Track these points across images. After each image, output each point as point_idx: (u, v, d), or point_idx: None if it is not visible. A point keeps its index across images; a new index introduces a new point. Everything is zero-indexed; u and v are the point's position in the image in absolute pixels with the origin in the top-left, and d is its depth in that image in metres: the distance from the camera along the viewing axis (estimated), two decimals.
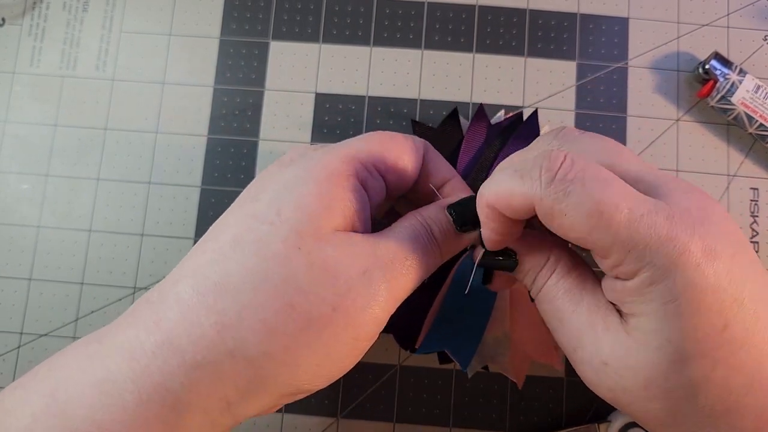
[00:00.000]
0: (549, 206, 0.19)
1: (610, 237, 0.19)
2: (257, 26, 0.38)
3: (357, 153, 0.23)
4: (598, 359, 0.21)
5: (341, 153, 0.23)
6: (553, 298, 0.23)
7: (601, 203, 0.19)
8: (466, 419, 0.33)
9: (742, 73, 0.35)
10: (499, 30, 0.37)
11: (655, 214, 0.19)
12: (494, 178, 0.22)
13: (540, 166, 0.20)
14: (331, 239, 0.21)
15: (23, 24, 0.38)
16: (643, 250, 0.19)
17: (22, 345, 0.35)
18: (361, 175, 0.23)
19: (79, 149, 0.36)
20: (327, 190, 0.21)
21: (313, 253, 0.20)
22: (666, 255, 0.18)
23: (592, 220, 0.19)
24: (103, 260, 0.35)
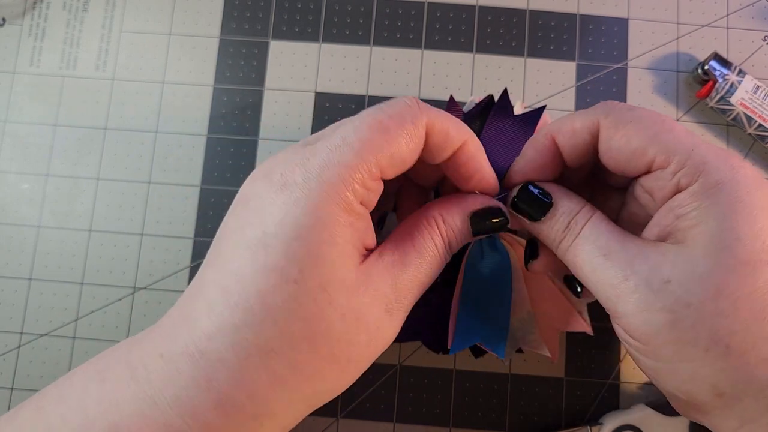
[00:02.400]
0: (615, 118, 0.22)
1: (673, 138, 0.21)
2: (257, 26, 0.38)
3: (354, 173, 0.21)
4: (658, 279, 0.20)
5: (340, 180, 0.21)
6: (597, 237, 0.22)
7: (663, 117, 0.22)
8: (466, 419, 0.34)
9: (742, 74, 0.35)
10: (499, 30, 0.37)
11: (707, 143, 0.21)
12: (556, 120, 0.24)
13: (603, 103, 0.23)
14: (355, 287, 0.21)
15: (23, 24, 0.38)
16: (706, 153, 0.20)
17: (22, 345, 0.35)
18: (362, 195, 0.21)
19: (79, 149, 0.36)
20: (338, 234, 0.20)
21: (344, 306, 0.21)
22: (727, 161, 0.20)
23: (656, 124, 0.21)
24: (103, 260, 0.35)
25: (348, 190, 0.21)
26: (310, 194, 0.20)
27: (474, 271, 0.30)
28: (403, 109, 0.22)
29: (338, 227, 0.20)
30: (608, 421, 0.32)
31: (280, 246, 0.20)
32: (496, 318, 0.30)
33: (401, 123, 0.22)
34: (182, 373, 0.20)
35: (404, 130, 0.22)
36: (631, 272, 0.21)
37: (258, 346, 0.20)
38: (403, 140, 0.22)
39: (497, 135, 0.30)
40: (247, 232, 0.21)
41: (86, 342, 0.35)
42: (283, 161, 0.22)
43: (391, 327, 0.23)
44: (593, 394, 0.34)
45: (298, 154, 0.21)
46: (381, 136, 0.21)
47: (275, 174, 0.21)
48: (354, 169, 0.21)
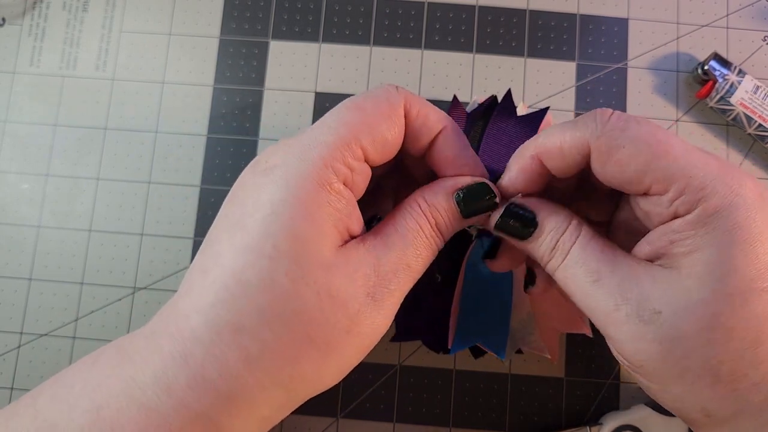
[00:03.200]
0: (607, 141, 0.21)
1: (671, 164, 0.20)
2: (257, 26, 0.38)
3: (334, 151, 0.21)
4: (648, 309, 0.20)
5: (319, 157, 0.21)
6: (586, 260, 0.22)
7: (658, 134, 0.20)
8: (466, 419, 0.34)
9: (741, 74, 0.35)
10: (499, 30, 0.37)
11: (707, 155, 0.20)
12: (544, 132, 0.23)
13: (593, 114, 0.22)
14: (332, 265, 0.21)
15: (23, 24, 0.38)
16: (704, 178, 0.20)
17: (22, 345, 0.35)
18: (343, 175, 0.21)
19: (79, 149, 0.36)
20: (315, 210, 0.20)
21: (318, 282, 0.20)
22: (727, 185, 0.19)
23: (652, 147, 0.20)
24: (103, 260, 0.35)
25: (327, 168, 0.21)
26: (288, 173, 0.21)
27: (475, 271, 0.30)
28: (381, 91, 0.23)
29: (315, 204, 0.20)
30: (608, 421, 0.32)
31: (256, 224, 0.20)
32: (497, 319, 0.30)
33: (377, 103, 0.22)
34: (162, 351, 0.20)
35: (381, 109, 0.22)
36: (621, 300, 0.20)
37: (230, 322, 0.20)
38: (381, 119, 0.22)
39: (500, 135, 0.30)
40: (230, 216, 0.21)
41: (86, 342, 0.35)
42: (269, 151, 0.22)
43: (379, 314, 0.22)
44: (593, 394, 0.34)
45: (281, 143, 0.22)
46: (358, 114, 0.22)
47: (260, 163, 0.22)
48: (333, 148, 0.21)
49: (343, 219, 0.21)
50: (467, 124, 0.32)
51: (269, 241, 0.20)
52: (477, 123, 0.32)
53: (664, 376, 0.20)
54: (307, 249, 0.20)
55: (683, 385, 0.20)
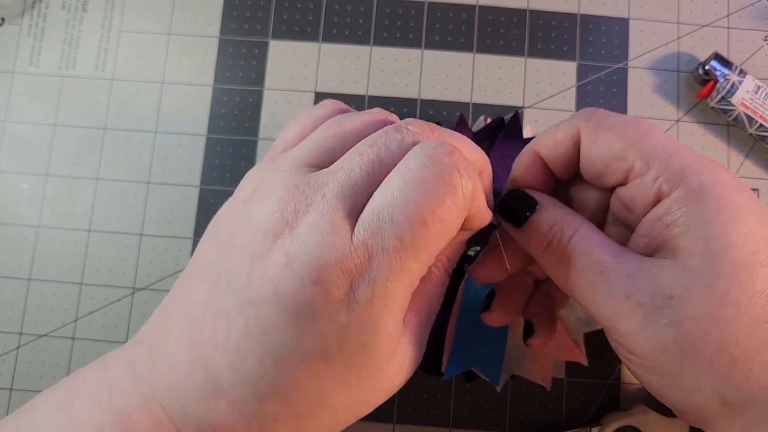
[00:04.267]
0: (594, 124, 0.22)
1: (653, 144, 0.21)
2: (257, 25, 0.38)
3: (415, 278, 0.19)
4: (660, 296, 0.19)
5: (403, 290, 0.19)
6: (589, 250, 0.21)
7: (643, 121, 0.22)
8: (466, 419, 0.33)
9: (742, 74, 0.35)
10: (499, 30, 0.37)
11: (687, 148, 0.21)
12: (539, 135, 0.24)
13: (582, 110, 0.23)
14: (389, 367, 0.21)
15: (22, 24, 0.38)
16: (685, 155, 0.20)
17: (21, 345, 0.35)
18: (413, 290, 0.20)
19: (79, 149, 0.36)
20: (392, 343, 0.20)
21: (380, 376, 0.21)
22: (706, 164, 0.20)
23: (637, 129, 0.21)
24: (102, 260, 0.35)
25: (406, 297, 0.19)
26: (374, 314, 0.19)
27: (472, 295, 0.30)
28: (457, 180, 0.19)
29: (394, 338, 0.20)
30: (609, 421, 0.32)
31: (342, 362, 0.19)
32: (492, 344, 0.30)
33: (455, 210, 0.19)
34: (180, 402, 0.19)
35: (457, 220, 0.20)
36: (633, 290, 0.20)
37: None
38: (455, 228, 0.20)
39: (505, 158, 0.30)
40: (305, 344, 0.19)
41: (86, 342, 0.35)
42: (335, 266, 0.18)
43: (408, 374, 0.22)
44: (594, 394, 0.34)
45: (348, 256, 0.18)
46: (436, 228, 0.19)
47: (331, 285, 0.18)
48: (414, 274, 0.19)
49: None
50: None
51: (353, 377, 0.20)
52: (483, 143, 0.32)
53: (680, 365, 0.20)
54: (380, 367, 0.20)
55: (700, 370, 0.19)
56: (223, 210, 0.22)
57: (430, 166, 0.19)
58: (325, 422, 0.20)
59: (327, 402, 0.19)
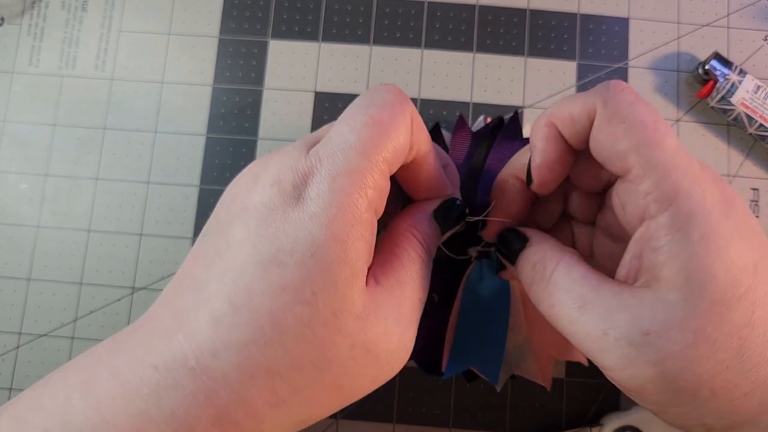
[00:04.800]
0: (612, 110, 0.21)
1: (656, 154, 0.20)
2: (256, 25, 0.38)
3: (366, 176, 0.20)
4: (637, 332, 0.19)
5: (353, 186, 0.20)
6: (570, 286, 0.21)
7: (660, 122, 0.20)
8: (466, 419, 0.33)
9: (742, 74, 0.35)
10: (499, 30, 0.37)
11: (692, 160, 0.20)
12: (555, 103, 0.24)
13: (607, 84, 0.22)
14: (365, 315, 0.20)
15: (22, 23, 0.38)
16: (681, 177, 0.20)
17: (21, 345, 0.35)
18: (374, 201, 0.21)
19: (79, 149, 0.36)
20: (351, 249, 0.20)
21: (354, 334, 0.20)
22: (700, 190, 0.19)
23: (646, 132, 0.20)
24: (102, 260, 0.35)
25: (362, 197, 0.20)
26: (326, 208, 0.19)
27: (472, 294, 0.30)
28: (392, 97, 0.22)
29: (351, 241, 0.20)
30: (608, 421, 0.32)
31: (295, 264, 0.19)
32: (493, 343, 0.30)
33: (394, 112, 0.21)
34: (180, 388, 0.19)
35: (398, 119, 0.21)
36: (610, 325, 0.20)
37: (265, 366, 0.19)
38: (400, 129, 0.21)
39: (504, 157, 0.30)
40: (260, 247, 0.20)
41: (85, 342, 0.35)
42: (291, 168, 0.20)
43: (403, 361, 0.22)
44: (594, 394, 0.34)
45: (301, 160, 0.21)
46: (379, 130, 0.21)
47: (286, 183, 0.20)
48: (365, 173, 0.20)
49: (370, 250, 0.21)
50: (472, 143, 0.32)
51: (309, 286, 0.19)
52: (482, 143, 0.32)
53: (662, 399, 0.20)
54: (344, 297, 0.20)
55: (682, 404, 0.20)
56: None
57: (369, 92, 0.22)
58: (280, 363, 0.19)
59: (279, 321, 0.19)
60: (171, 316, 0.20)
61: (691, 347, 0.19)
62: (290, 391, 0.20)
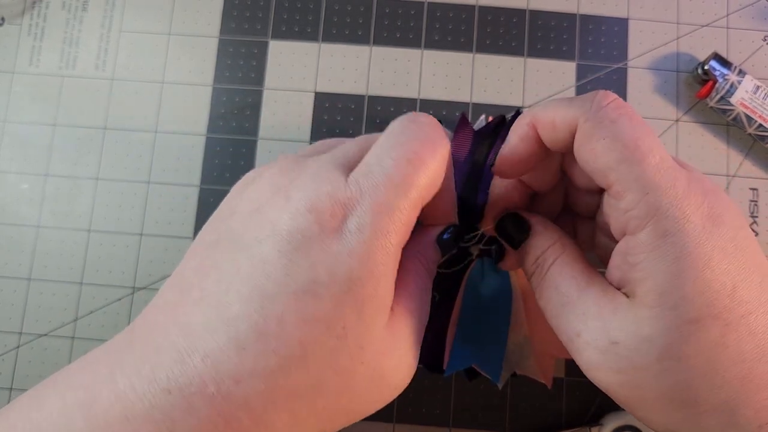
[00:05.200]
0: (592, 127, 0.21)
1: (635, 173, 0.20)
2: (256, 25, 0.38)
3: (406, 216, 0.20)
4: (607, 339, 0.20)
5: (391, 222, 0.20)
6: (559, 283, 0.22)
7: (641, 139, 0.20)
8: (466, 419, 0.33)
9: (742, 74, 0.35)
10: (499, 30, 0.37)
11: (678, 172, 0.20)
12: (541, 105, 0.23)
13: (593, 95, 0.22)
14: (386, 347, 0.21)
15: (22, 23, 0.38)
16: (660, 196, 0.19)
17: (21, 345, 0.35)
18: (404, 236, 0.21)
19: (79, 149, 0.36)
20: (383, 289, 0.20)
21: (373, 365, 0.20)
22: (680, 209, 0.19)
23: (626, 150, 0.20)
24: (102, 260, 0.35)
25: (397, 235, 0.20)
26: (365, 243, 0.19)
27: (474, 292, 0.30)
28: (434, 134, 0.22)
29: (384, 278, 0.20)
30: (608, 421, 0.32)
31: (330, 298, 0.19)
32: (494, 341, 0.30)
33: (434, 152, 0.21)
34: (196, 413, 0.18)
35: (438, 160, 0.21)
36: (583, 328, 0.21)
37: (287, 390, 0.19)
38: (439, 171, 0.22)
39: None
40: (294, 275, 0.19)
41: (85, 342, 0.35)
42: (330, 197, 0.20)
43: (406, 383, 0.23)
44: (593, 394, 0.34)
45: (341, 189, 0.20)
46: (422, 169, 0.21)
47: (325, 212, 0.20)
48: (403, 212, 0.20)
49: (394, 282, 0.21)
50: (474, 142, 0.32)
51: (341, 321, 0.19)
52: (484, 142, 0.32)
53: (626, 403, 0.21)
54: (371, 332, 0.20)
55: (644, 410, 0.21)
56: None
57: (410, 122, 0.22)
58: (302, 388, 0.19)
59: (308, 351, 0.19)
60: (179, 332, 0.19)
61: (655, 362, 0.19)
62: (308, 413, 0.20)
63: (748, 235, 0.20)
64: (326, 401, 0.20)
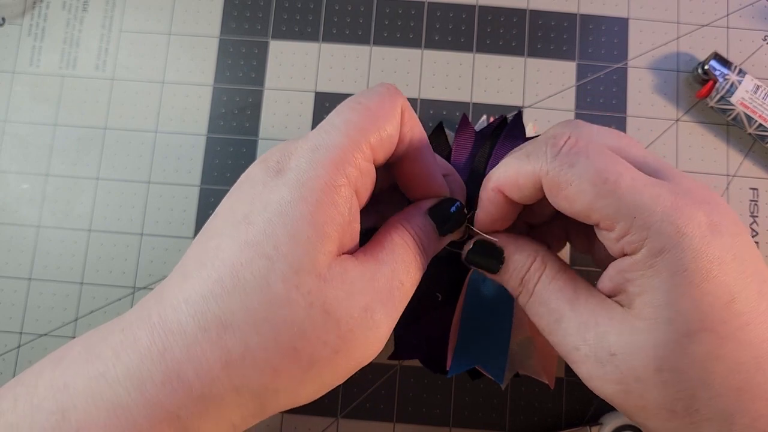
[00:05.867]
0: (555, 177, 0.21)
1: (615, 203, 0.20)
2: (257, 25, 0.38)
3: (345, 153, 0.21)
4: (605, 351, 0.21)
5: (331, 160, 0.21)
6: (548, 299, 0.23)
7: (606, 171, 0.20)
8: (466, 419, 0.33)
9: (742, 74, 0.35)
10: (499, 30, 0.37)
11: (659, 187, 0.20)
12: (502, 163, 0.24)
13: (546, 143, 0.22)
14: (328, 277, 0.20)
15: (23, 24, 0.38)
16: (649, 217, 0.20)
17: (21, 345, 0.35)
18: (354, 178, 0.21)
19: (79, 149, 0.36)
20: (321, 215, 0.20)
21: (312, 293, 0.20)
22: (672, 224, 0.19)
23: (596, 187, 0.20)
24: (102, 260, 0.35)
25: (338, 171, 0.21)
26: (299, 175, 0.20)
27: (476, 292, 0.30)
28: (383, 89, 0.23)
29: (323, 208, 0.20)
30: (608, 421, 0.32)
31: (261, 222, 0.20)
32: (496, 342, 0.30)
33: (382, 101, 0.22)
34: (138, 344, 0.19)
35: (385, 107, 0.22)
36: (581, 341, 0.21)
37: (219, 319, 0.19)
38: (386, 116, 0.22)
39: None
40: (235, 210, 0.21)
41: None
42: (280, 149, 0.22)
43: (372, 336, 0.21)
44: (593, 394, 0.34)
45: (290, 144, 0.22)
46: (365, 113, 0.22)
47: (271, 160, 0.22)
48: (344, 149, 0.21)
49: (345, 227, 0.21)
50: (475, 143, 0.32)
51: (271, 241, 0.20)
52: (485, 143, 0.32)
53: (626, 411, 0.22)
54: (307, 255, 0.20)
55: (645, 418, 0.21)
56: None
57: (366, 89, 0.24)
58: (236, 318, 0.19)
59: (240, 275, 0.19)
60: (155, 291, 0.21)
61: (653, 373, 0.20)
62: (242, 349, 0.19)
63: (747, 242, 0.20)
64: (261, 336, 0.19)
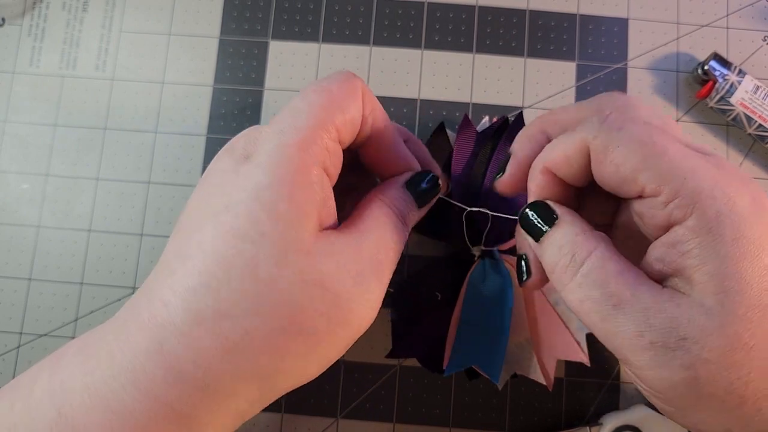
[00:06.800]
0: (603, 141, 0.21)
1: (665, 164, 0.20)
2: (257, 26, 0.38)
3: (312, 134, 0.21)
4: (674, 336, 0.19)
5: (297, 142, 0.21)
6: (606, 282, 0.20)
7: (655, 136, 0.20)
8: (465, 419, 0.33)
9: (741, 74, 0.35)
10: (499, 30, 0.37)
11: (705, 159, 0.20)
12: (549, 145, 0.23)
13: (592, 110, 0.22)
14: (316, 252, 0.20)
15: (23, 24, 0.38)
16: (700, 179, 0.19)
17: (21, 345, 0.35)
18: (321, 158, 0.22)
19: (79, 149, 0.36)
20: (297, 193, 0.20)
21: (304, 270, 0.20)
22: (723, 190, 0.19)
23: (646, 147, 0.20)
24: (102, 260, 0.35)
25: (306, 152, 0.21)
26: (269, 159, 0.21)
27: (475, 292, 0.30)
28: (341, 75, 0.24)
29: (297, 187, 0.20)
30: (608, 421, 0.32)
31: (242, 209, 0.20)
32: (494, 342, 0.30)
33: (342, 84, 0.23)
34: (131, 341, 0.19)
35: (346, 90, 0.23)
36: (646, 327, 0.19)
37: (213, 309, 0.19)
38: (349, 98, 0.23)
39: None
40: (212, 202, 0.21)
41: None
42: (244, 136, 0.23)
43: (366, 303, 0.22)
44: (593, 394, 0.34)
45: (254, 130, 0.22)
46: (327, 96, 0.22)
47: (237, 147, 0.22)
48: (310, 131, 0.21)
49: (321, 205, 0.21)
50: (477, 143, 0.32)
51: (255, 226, 0.20)
52: (487, 143, 0.32)
53: (688, 402, 0.20)
54: (292, 235, 0.20)
55: (708, 409, 0.19)
56: None
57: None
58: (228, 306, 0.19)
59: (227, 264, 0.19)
60: (142, 290, 0.21)
61: (726, 354, 0.18)
62: (242, 334, 0.19)
63: None
64: (260, 317, 0.19)
